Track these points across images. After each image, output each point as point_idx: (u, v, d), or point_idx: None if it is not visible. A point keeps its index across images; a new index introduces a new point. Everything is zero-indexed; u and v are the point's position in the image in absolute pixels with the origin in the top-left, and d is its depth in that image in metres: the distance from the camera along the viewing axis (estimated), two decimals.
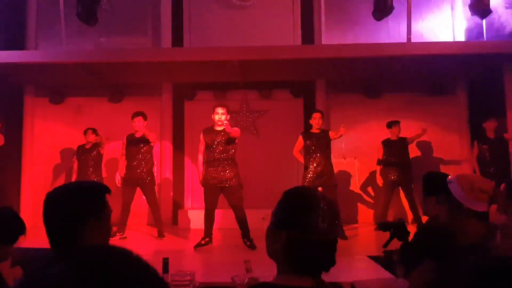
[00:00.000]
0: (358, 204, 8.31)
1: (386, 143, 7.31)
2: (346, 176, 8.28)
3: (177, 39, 8.39)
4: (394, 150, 7.21)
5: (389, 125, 7.30)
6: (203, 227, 5.90)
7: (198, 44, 8.29)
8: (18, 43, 7.76)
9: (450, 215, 2.12)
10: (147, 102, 8.13)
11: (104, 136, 7.64)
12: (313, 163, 6.45)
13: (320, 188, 6.46)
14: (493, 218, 2.15)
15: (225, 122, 5.75)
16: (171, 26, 8.38)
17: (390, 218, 7.25)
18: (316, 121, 6.52)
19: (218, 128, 5.92)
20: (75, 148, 7.49)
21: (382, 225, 2.64)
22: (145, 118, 6.63)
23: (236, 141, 5.97)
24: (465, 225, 2.10)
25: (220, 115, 5.87)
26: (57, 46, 7.09)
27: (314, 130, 6.56)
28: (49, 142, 8.30)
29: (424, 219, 7.38)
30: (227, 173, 5.83)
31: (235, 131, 5.79)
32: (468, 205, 2.05)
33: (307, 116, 7.15)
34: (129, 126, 6.71)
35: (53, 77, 7.82)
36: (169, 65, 7.41)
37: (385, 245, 2.64)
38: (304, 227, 1.38)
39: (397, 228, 2.55)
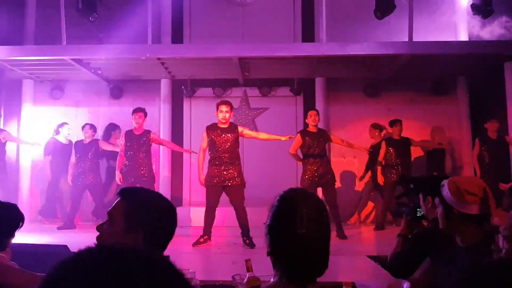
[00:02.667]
0: (359, 203, 8.27)
1: (388, 142, 7.26)
2: (347, 176, 8.25)
3: (177, 35, 8.35)
4: (396, 149, 7.16)
5: (391, 124, 7.28)
6: (202, 224, 5.87)
7: (197, 41, 8.25)
8: (17, 38, 7.70)
9: (444, 218, 2.12)
10: (146, 99, 8.09)
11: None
12: (312, 162, 6.39)
13: (319, 188, 6.43)
14: (494, 220, 2.13)
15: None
16: (171, 22, 8.33)
17: (389, 218, 7.17)
18: (312, 118, 6.46)
19: (222, 126, 5.90)
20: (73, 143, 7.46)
21: (402, 178, 2.57)
22: (146, 114, 6.60)
23: (239, 140, 5.97)
24: (460, 228, 2.10)
25: (225, 113, 5.84)
26: (57, 40, 7.04)
27: (312, 128, 6.49)
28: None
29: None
30: (230, 172, 5.79)
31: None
32: (458, 208, 2.04)
33: (307, 114, 7.11)
34: (128, 122, 6.67)
35: (53, 73, 7.79)
36: (169, 62, 7.37)
37: (398, 197, 2.56)
38: (284, 234, 1.34)
39: (422, 183, 2.44)
